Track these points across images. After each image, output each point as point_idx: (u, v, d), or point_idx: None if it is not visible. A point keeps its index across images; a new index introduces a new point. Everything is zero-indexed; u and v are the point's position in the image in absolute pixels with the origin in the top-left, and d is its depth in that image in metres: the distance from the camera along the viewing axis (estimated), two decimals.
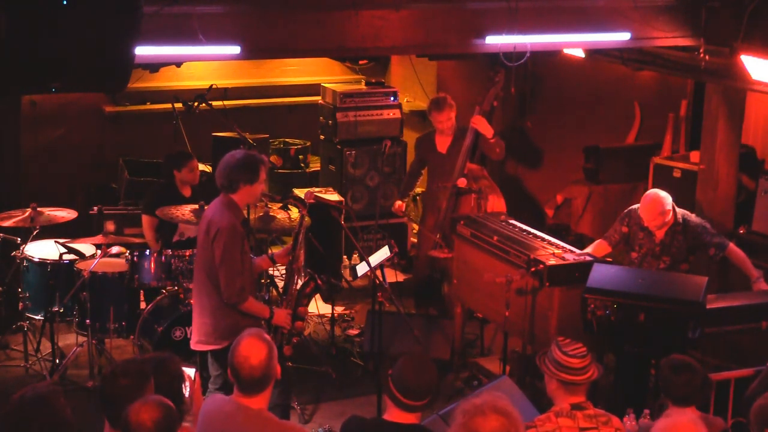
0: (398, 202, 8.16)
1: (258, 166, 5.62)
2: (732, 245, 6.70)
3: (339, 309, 8.43)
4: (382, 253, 6.77)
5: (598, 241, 6.94)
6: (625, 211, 6.86)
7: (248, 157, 5.63)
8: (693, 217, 6.74)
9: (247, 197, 5.68)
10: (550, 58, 9.10)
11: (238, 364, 4.00)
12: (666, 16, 7.34)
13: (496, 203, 7.64)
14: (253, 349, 4.01)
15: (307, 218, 6.18)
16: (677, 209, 6.67)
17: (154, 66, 7.95)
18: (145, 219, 7.57)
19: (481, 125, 7.65)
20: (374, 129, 9.27)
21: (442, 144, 7.90)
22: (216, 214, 5.60)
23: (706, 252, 6.68)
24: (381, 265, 6.58)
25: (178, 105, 8.39)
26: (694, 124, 9.35)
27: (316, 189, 8.58)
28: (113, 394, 3.71)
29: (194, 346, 5.80)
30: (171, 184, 7.65)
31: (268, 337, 4.14)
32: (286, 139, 10.38)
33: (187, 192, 7.62)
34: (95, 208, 7.51)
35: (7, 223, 7.12)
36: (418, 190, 9.32)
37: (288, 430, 4.15)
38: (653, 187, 7.90)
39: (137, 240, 7.32)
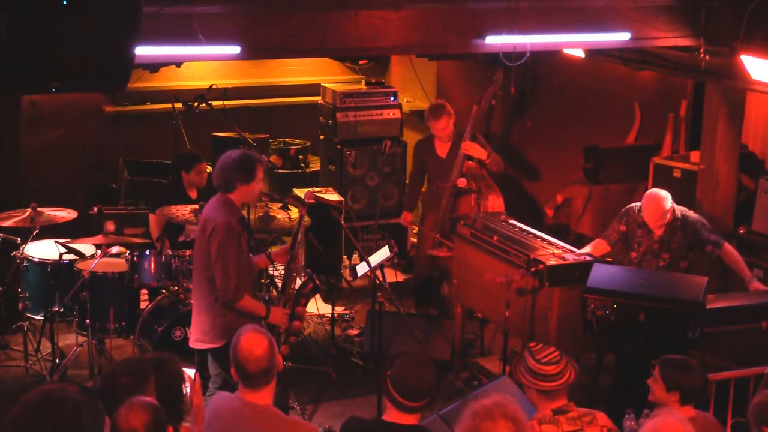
0: (405, 213, 8.15)
1: (254, 165, 5.61)
2: (728, 245, 6.71)
3: (339, 309, 8.43)
4: (382, 253, 6.77)
5: (596, 240, 6.94)
6: (624, 209, 6.87)
7: (244, 157, 5.63)
8: (691, 213, 6.76)
9: (244, 196, 5.68)
10: (550, 57, 9.10)
11: (243, 358, 4.01)
12: (666, 16, 7.33)
13: (496, 203, 7.64)
14: (254, 342, 4.04)
15: (306, 218, 6.18)
16: (676, 206, 6.68)
17: (154, 66, 7.96)
18: (152, 218, 7.58)
19: (473, 150, 7.61)
20: (374, 129, 9.27)
21: (442, 148, 7.90)
22: (212, 212, 5.60)
23: (703, 249, 6.70)
24: (381, 265, 6.59)
25: (178, 105, 8.40)
26: (694, 124, 9.33)
27: (316, 189, 8.59)
28: (114, 392, 3.71)
29: (192, 344, 5.80)
30: (178, 184, 7.65)
31: (264, 329, 4.18)
32: (286, 139, 10.38)
33: (193, 194, 7.63)
34: (95, 208, 7.51)
35: (7, 223, 7.12)
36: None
37: (295, 425, 4.15)
38: (653, 187, 7.90)
39: (137, 240, 7.32)
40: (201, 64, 9.98)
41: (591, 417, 4.33)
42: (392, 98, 9.39)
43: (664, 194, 6.63)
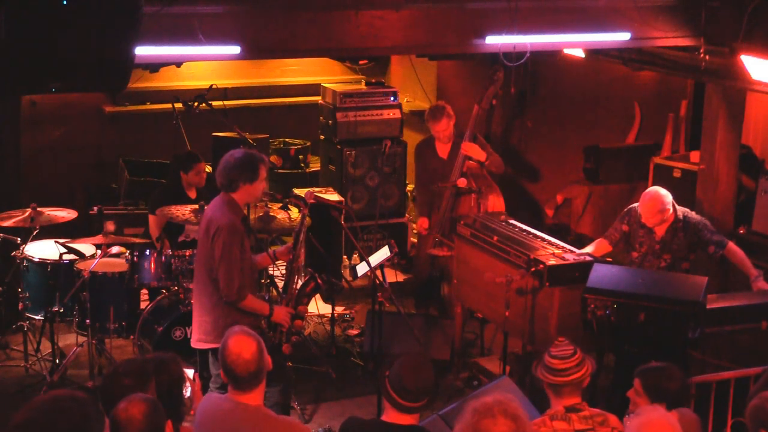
0: (420, 220, 8.11)
1: (257, 164, 5.63)
2: (731, 244, 6.71)
3: (339, 309, 8.43)
4: (382, 253, 6.77)
5: (598, 240, 6.94)
6: (626, 209, 6.88)
7: (248, 156, 5.64)
8: (693, 214, 6.76)
9: (247, 196, 5.69)
10: (550, 57, 9.10)
11: (232, 362, 4.01)
12: (666, 16, 7.34)
13: (496, 203, 7.64)
14: (243, 345, 4.03)
15: (307, 218, 6.19)
16: (678, 207, 6.68)
17: (154, 66, 7.96)
18: (152, 218, 7.57)
19: (472, 151, 7.62)
20: (374, 129, 9.26)
21: (443, 149, 7.90)
22: (216, 213, 5.61)
23: (706, 250, 6.69)
24: (381, 265, 6.58)
25: (178, 105, 8.39)
26: (694, 124, 9.35)
27: (316, 189, 8.59)
28: (115, 393, 3.71)
29: (194, 344, 5.81)
30: (177, 184, 7.65)
31: (252, 330, 4.15)
32: (286, 139, 10.38)
33: (192, 194, 7.62)
34: (95, 208, 7.50)
35: (7, 223, 7.11)
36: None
37: (287, 424, 4.14)
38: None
39: (137, 240, 7.32)
40: (201, 64, 9.98)
41: (603, 418, 4.34)
42: (392, 98, 9.38)
43: (663, 192, 6.62)
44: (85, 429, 3.43)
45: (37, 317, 7.38)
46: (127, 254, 7.19)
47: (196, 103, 7.93)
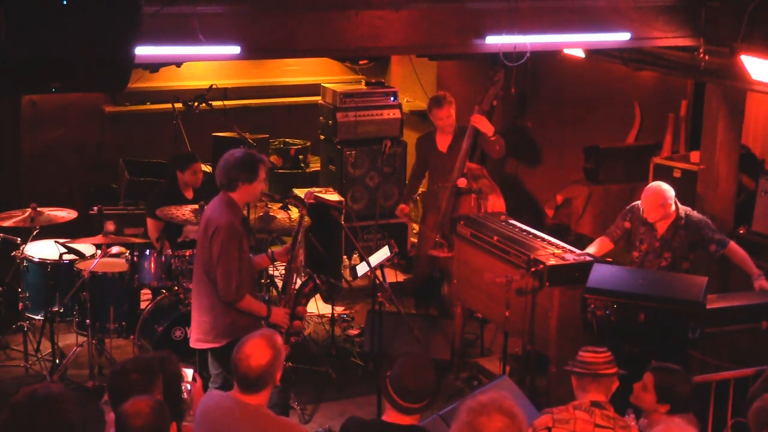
0: (401, 205, 8.16)
1: (257, 165, 5.63)
2: (733, 243, 6.71)
3: (339, 309, 8.43)
4: (382, 253, 6.77)
5: (599, 238, 6.95)
6: (628, 206, 6.89)
7: (247, 156, 5.65)
8: (695, 213, 6.77)
9: (246, 196, 5.69)
10: (550, 58, 9.10)
11: (239, 360, 4.03)
12: (666, 16, 7.33)
13: (496, 203, 7.65)
14: (257, 351, 4.03)
15: (307, 218, 6.19)
16: (680, 206, 6.68)
17: (154, 66, 7.95)
18: (150, 222, 7.57)
19: (482, 123, 7.67)
20: (374, 129, 9.27)
21: (443, 143, 7.92)
22: (215, 212, 5.61)
23: (707, 249, 6.70)
24: (381, 265, 6.59)
25: (178, 105, 8.40)
26: (694, 124, 9.33)
27: (316, 189, 8.59)
28: (123, 388, 3.74)
29: (193, 344, 5.81)
30: (173, 185, 7.65)
31: (279, 341, 4.12)
32: (286, 139, 10.39)
33: (189, 194, 7.62)
34: (95, 208, 7.50)
35: (7, 223, 7.12)
36: (420, 189, 9.31)
37: (284, 426, 4.15)
38: None
39: (137, 240, 7.32)
40: (201, 64, 9.98)
41: (625, 423, 4.36)
42: (392, 98, 9.39)
43: (666, 187, 6.64)
44: (65, 424, 3.44)
45: (37, 317, 7.38)
46: (127, 254, 7.19)
47: (196, 103, 7.93)
